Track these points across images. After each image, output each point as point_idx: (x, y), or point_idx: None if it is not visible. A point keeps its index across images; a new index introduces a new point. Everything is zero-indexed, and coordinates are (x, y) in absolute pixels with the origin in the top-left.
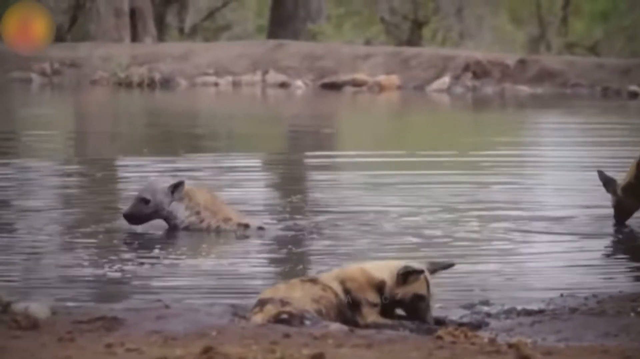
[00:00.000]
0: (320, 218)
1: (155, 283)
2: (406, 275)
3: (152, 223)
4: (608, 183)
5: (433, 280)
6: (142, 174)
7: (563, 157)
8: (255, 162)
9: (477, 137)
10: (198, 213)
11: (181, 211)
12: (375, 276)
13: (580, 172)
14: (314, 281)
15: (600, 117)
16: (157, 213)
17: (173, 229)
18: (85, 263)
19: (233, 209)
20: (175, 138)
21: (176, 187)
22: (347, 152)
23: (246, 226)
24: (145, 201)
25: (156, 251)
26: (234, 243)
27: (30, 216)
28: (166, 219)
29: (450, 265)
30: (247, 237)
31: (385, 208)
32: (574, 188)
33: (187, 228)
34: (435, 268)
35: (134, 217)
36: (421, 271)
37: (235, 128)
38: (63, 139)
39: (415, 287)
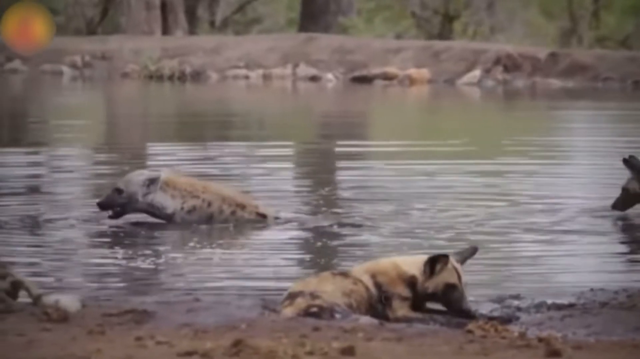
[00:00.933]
0: (356, 209)
1: (187, 276)
2: (433, 264)
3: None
4: (636, 169)
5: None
6: (171, 162)
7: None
8: (286, 151)
9: (511, 128)
10: (196, 196)
11: (168, 201)
12: (406, 271)
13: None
14: (345, 274)
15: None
16: (131, 204)
17: (167, 220)
18: (118, 255)
19: (235, 191)
20: (204, 128)
21: (152, 181)
22: (381, 142)
23: (263, 216)
24: (119, 191)
25: (191, 243)
26: (266, 234)
27: (63, 205)
28: (148, 212)
29: (474, 250)
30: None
31: (418, 200)
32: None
33: (190, 213)
34: (464, 257)
35: (105, 205)
36: (446, 256)
37: (266, 120)
38: (94, 129)
39: (445, 277)
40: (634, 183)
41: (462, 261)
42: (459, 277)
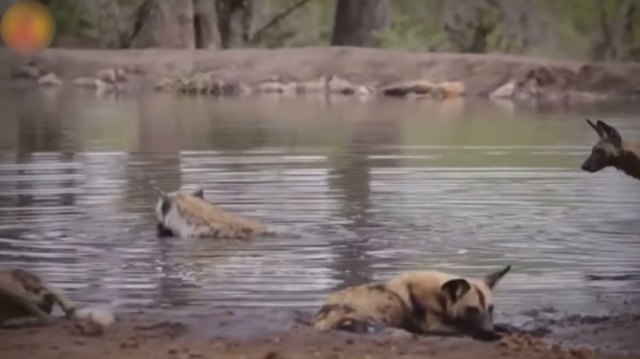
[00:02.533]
0: (389, 223)
1: (223, 290)
2: (451, 289)
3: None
4: (612, 132)
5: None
6: (203, 169)
7: None
8: (318, 158)
9: (546, 139)
10: (207, 224)
11: (184, 227)
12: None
13: None
14: (381, 288)
15: None
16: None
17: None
18: (159, 268)
19: (246, 218)
20: (237, 138)
21: (164, 205)
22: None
23: (273, 235)
24: None
25: (233, 257)
26: (303, 249)
27: (99, 214)
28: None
29: (505, 270)
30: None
31: (452, 212)
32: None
33: (199, 239)
34: (494, 279)
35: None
36: (463, 281)
37: (299, 133)
38: (127, 139)
39: (466, 300)
40: (610, 146)
41: (492, 282)
42: (482, 299)
